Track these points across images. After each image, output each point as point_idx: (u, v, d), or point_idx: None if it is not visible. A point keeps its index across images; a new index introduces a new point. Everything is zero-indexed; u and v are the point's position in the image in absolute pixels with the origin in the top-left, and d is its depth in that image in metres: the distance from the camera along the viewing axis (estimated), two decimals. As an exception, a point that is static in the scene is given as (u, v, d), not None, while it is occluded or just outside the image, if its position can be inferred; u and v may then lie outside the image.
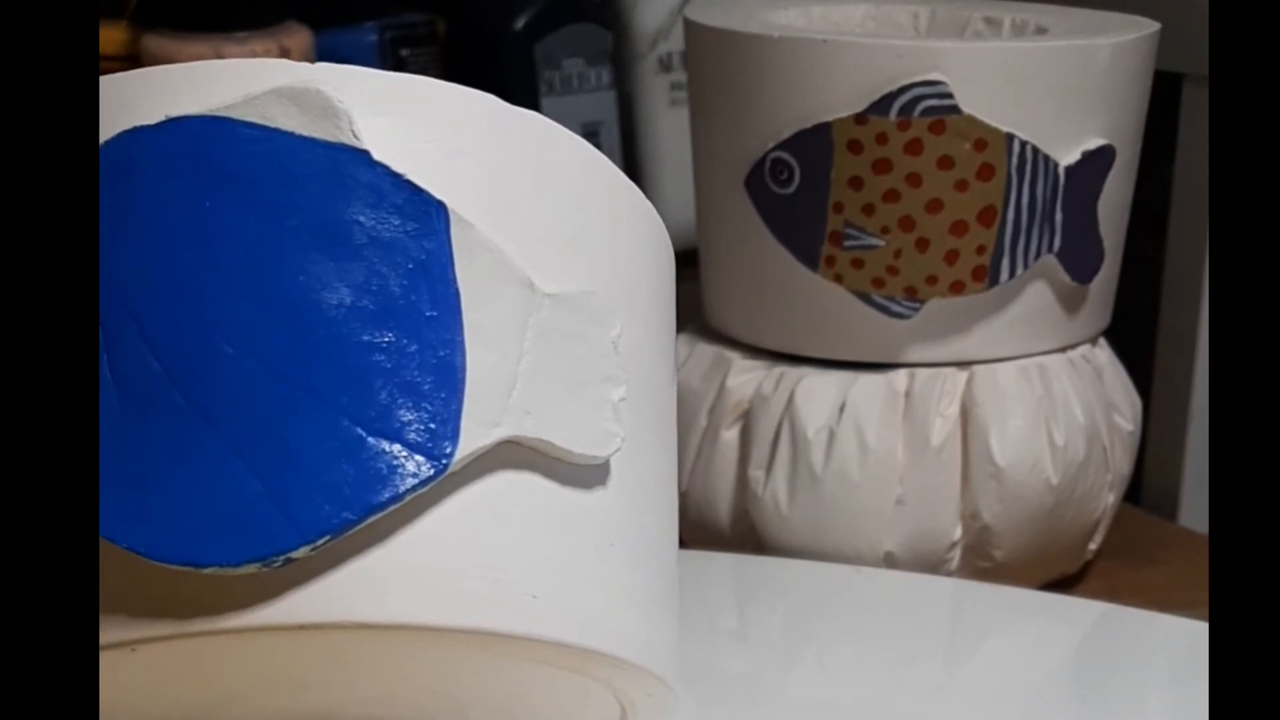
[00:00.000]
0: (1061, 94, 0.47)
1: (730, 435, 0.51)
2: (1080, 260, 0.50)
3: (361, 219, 0.25)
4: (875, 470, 0.48)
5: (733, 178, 0.50)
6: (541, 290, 0.26)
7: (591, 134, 0.72)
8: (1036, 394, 0.49)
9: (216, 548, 0.23)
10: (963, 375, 0.49)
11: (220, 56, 0.62)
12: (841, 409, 0.49)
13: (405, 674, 0.27)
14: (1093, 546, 0.53)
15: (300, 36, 0.64)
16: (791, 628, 0.47)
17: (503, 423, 0.25)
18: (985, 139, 0.46)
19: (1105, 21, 0.51)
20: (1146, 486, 0.68)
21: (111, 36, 0.65)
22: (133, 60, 0.64)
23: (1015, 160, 0.47)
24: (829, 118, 0.47)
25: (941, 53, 0.46)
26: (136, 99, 0.26)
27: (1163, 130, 0.63)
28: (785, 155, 0.48)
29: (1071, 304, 0.50)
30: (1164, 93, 0.58)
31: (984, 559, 0.50)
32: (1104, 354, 0.53)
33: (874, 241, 0.48)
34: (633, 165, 0.75)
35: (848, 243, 0.48)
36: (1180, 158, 0.66)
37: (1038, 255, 0.48)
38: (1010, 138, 0.47)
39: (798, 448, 0.49)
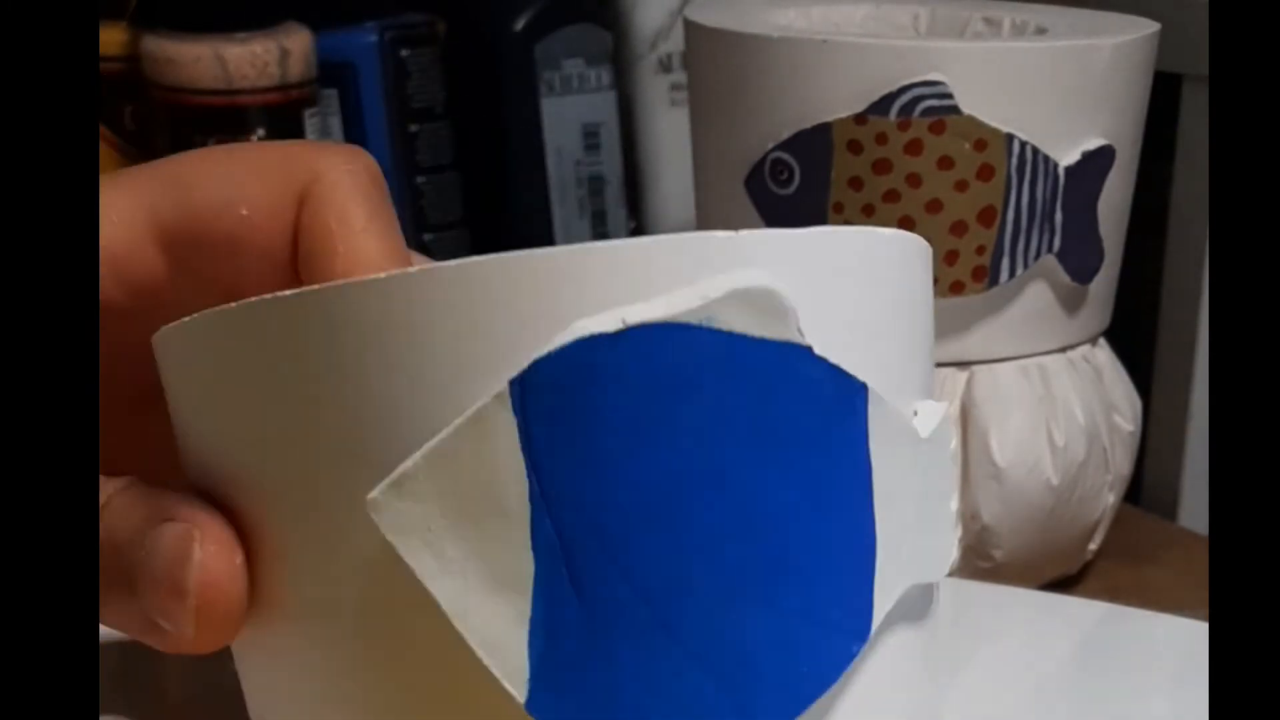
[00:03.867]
0: (1061, 94, 0.47)
1: (730, 435, 0.51)
2: (1080, 260, 0.49)
3: (804, 417, 0.25)
4: (875, 470, 0.48)
5: (733, 178, 0.50)
6: (918, 433, 0.26)
7: (591, 134, 0.72)
8: (1036, 394, 0.49)
9: None
10: (963, 375, 0.49)
11: (220, 56, 0.62)
12: (841, 409, 0.49)
13: None
14: (1093, 547, 0.53)
15: (300, 37, 0.64)
16: (791, 628, 0.47)
17: (900, 583, 0.25)
18: (985, 139, 0.46)
19: (1105, 21, 0.51)
20: (1146, 486, 0.68)
21: (111, 36, 0.65)
22: (133, 60, 0.64)
23: (1015, 160, 0.47)
24: (829, 118, 0.47)
25: (941, 53, 0.46)
26: (577, 290, 0.24)
27: (1163, 130, 0.63)
28: (785, 155, 0.48)
29: (1071, 304, 0.50)
30: (1164, 93, 0.58)
31: (984, 559, 0.50)
32: (1104, 354, 0.53)
33: (874, 241, 0.48)
34: (632, 165, 0.75)
35: (848, 243, 0.48)
36: (1180, 158, 0.66)
37: (1037, 255, 0.48)
38: (1010, 138, 0.47)
39: (798, 448, 0.49)
